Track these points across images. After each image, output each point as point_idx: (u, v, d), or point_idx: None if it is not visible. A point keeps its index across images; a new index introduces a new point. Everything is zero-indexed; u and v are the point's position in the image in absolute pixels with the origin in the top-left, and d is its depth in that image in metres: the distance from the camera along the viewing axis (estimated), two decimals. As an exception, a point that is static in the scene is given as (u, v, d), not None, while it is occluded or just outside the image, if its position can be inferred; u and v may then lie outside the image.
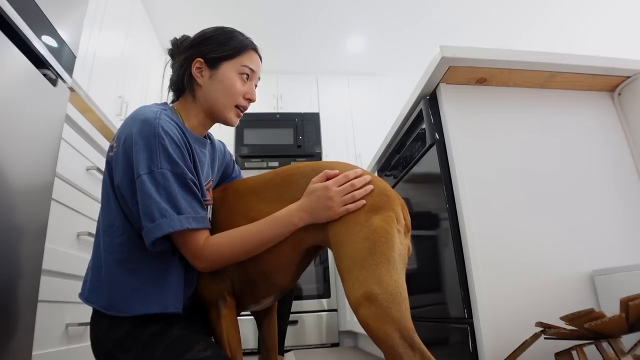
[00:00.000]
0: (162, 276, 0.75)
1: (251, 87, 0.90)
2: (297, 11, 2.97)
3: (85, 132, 1.30)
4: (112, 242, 0.76)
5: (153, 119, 0.74)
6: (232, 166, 1.07)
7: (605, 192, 1.09)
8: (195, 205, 0.75)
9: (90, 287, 0.77)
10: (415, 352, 0.59)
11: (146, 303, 0.73)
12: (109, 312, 0.74)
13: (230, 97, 0.86)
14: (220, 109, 0.86)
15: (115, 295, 0.74)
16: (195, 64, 0.85)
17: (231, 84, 0.85)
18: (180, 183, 0.73)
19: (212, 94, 0.85)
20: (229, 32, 0.89)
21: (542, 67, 1.10)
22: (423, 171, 1.24)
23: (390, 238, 0.67)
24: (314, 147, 3.28)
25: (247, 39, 0.90)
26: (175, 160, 0.73)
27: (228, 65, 0.86)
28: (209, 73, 0.85)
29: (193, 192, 0.75)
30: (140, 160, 0.71)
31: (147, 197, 0.70)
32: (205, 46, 0.85)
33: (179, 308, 0.75)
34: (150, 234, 0.69)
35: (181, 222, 0.70)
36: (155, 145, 0.72)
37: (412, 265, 1.33)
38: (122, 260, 0.75)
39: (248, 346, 2.37)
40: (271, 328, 1.00)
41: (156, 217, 0.69)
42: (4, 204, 0.81)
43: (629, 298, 0.66)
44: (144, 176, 0.71)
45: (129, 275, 0.74)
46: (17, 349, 0.84)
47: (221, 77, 0.85)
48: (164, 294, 0.74)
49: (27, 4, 0.91)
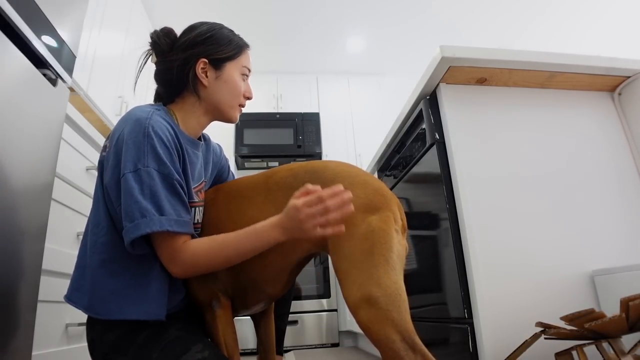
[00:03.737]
0: (143, 280, 0.73)
1: (248, 85, 0.92)
2: (297, 11, 2.97)
3: (85, 132, 1.30)
4: (97, 241, 0.75)
5: (144, 119, 0.73)
6: (226, 170, 1.07)
7: (605, 192, 1.09)
8: (179, 208, 0.73)
9: (74, 287, 0.76)
10: (417, 354, 0.58)
11: (126, 307, 0.71)
12: (89, 313, 0.73)
13: (236, 98, 0.88)
14: (226, 108, 0.87)
15: (95, 296, 0.72)
16: (199, 65, 0.83)
17: (236, 84, 0.87)
18: (166, 184, 0.72)
19: (218, 95, 0.85)
20: (227, 32, 0.89)
21: (542, 67, 1.10)
22: (423, 171, 1.24)
23: (389, 239, 0.66)
24: (314, 147, 3.28)
25: (242, 39, 0.91)
26: (163, 160, 0.72)
27: (231, 65, 0.86)
28: (214, 74, 0.85)
29: (178, 195, 0.74)
30: (127, 159, 0.70)
31: (129, 196, 0.68)
32: (207, 46, 0.84)
33: (161, 315, 0.73)
34: (128, 234, 0.68)
35: (161, 223, 0.68)
36: (144, 145, 0.71)
37: (412, 265, 1.33)
38: (104, 260, 0.73)
39: (248, 346, 2.37)
40: (268, 328, 0.99)
41: (136, 216, 0.68)
42: (4, 204, 0.81)
43: (629, 298, 0.65)
44: (128, 174, 0.69)
45: (110, 276, 0.72)
46: (17, 349, 0.84)
47: (226, 78, 0.86)
48: (144, 299, 0.72)
49: (27, 4, 0.91)
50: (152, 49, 0.87)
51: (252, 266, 0.77)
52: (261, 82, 3.50)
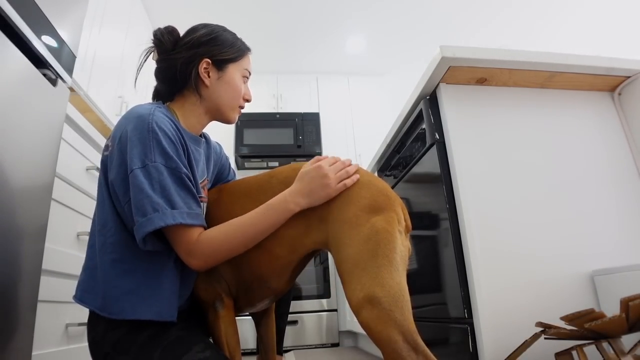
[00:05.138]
0: (156, 279, 0.74)
1: (248, 88, 0.93)
2: (297, 11, 2.97)
3: (85, 132, 1.30)
4: (105, 242, 0.75)
5: (147, 115, 0.74)
6: (227, 168, 1.07)
7: (605, 192, 1.09)
8: (190, 201, 0.73)
9: (84, 288, 0.76)
10: (419, 355, 0.58)
11: (139, 308, 0.71)
12: (103, 313, 0.73)
13: (237, 99, 0.89)
14: (226, 109, 0.88)
15: (108, 296, 0.72)
16: (202, 64, 0.84)
17: (237, 86, 0.88)
18: (175, 178, 0.72)
19: (219, 95, 0.86)
20: (230, 35, 0.90)
21: (542, 67, 1.10)
22: (423, 171, 1.24)
23: (392, 239, 0.66)
24: (314, 147, 3.28)
25: (244, 43, 0.93)
26: (170, 154, 0.72)
27: (233, 67, 0.87)
28: (216, 75, 0.86)
29: (188, 188, 0.74)
30: (133, 155, 0.71)
31: (140, 191, 0.69)
32: (211, 47, 0.85)
33: (174, 316, 0.73)
34: (141, 229, 0.68)
35: (174, 216, 0.69)
36: (149, 140, 0.71)
37: (413, 265, 1.33)
38: (115, 260, 0.73)
39: (248, 346, 2.37)
40: (269, 328, 0.99)
41: (148, 211, 0.68)
42: (4, 204, 0.81)
43: (629, 298, 0.65)
44: (136, 170, 0.70)
45: (122, 276, 0.73)
46: (17, 349, 0.84)
47: (228, 79, 0.87)
48: (157, 299, 0.72)
49: (27, 4, 0.91)
50: (155, 47, 0.87)
51: (257, 262, 0.77)
52: (261, 82, 3.50)
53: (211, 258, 0.73)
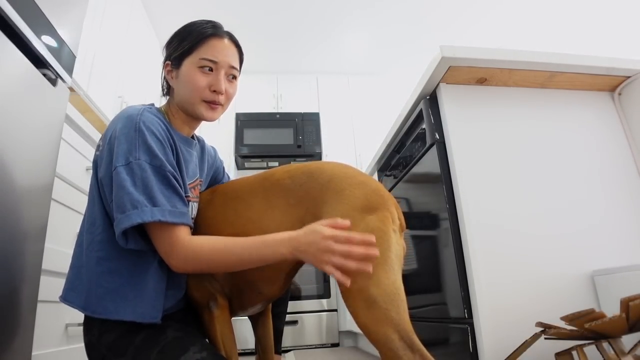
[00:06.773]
0: (141, 280, 0.73)
1: (216, 78, 0.82)
2: (297, 11, 2.96)
3: (85, 132, 1.30)
4: (93, 239, 0.75)
5: (135, 115, 0.75)
6: (222, 172, 1.07)
7: (605, 192, 1.09)
8: (174, 200, 0.72)
9: (69, 287, 0.76)
10: (415, 353, 0.58)
11: (122, 308, 0.71)
12: (86, 312, 0.73)
13: (194, 93, 0.82)
14: (189, 106, 0.84)
15: (91, 295, 0.72)
16: (166, 68, 0.86)
17: (191, 80, 0.81)
18: (160, 176, 0.72)
19: (178, 94, 0.85)
20: (189, 26, 0.85)
21: (542, 67, 1.10)
22: (423, 171, 1.24)
23: (387, 239, 0.67)
24: (314, 147, 3.28)
25: (205, 28, 0.83)
26: (155, 153, 0.72)
27: (188, 61, 0.82)
28: (176, 74, 0.84)
29: (173, 187, 0.73)
30: (119, 153, 0.71)
31: (121, 188, 0.69)
32: (170, 47, 0.86)
33: (157, 317, 0.72)
34: (119, 225, 0.68)
35: (153, 213, 0.68)
36: (135, 139, 0.72)
37: (412, 265, 1.33)
38: (101, 258, 0.73)
39: (246, 346, 2.37)
40: (266, 328, 0.99)
41: (127, 207, 0.67)
42: (4, 204, 0.81)
43: (629, 298, 0.65)
44: (120, 168, 0.70)
45: (107, 274, 0.72)
46: (17, 349, 0.84)
47: (182, 76, 0.82)
48: (141, 300, 0.72)
49: (27, 4, 0.91)
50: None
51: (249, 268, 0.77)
52: (261, 82, 3.50)
53: (189, 265, 0.71)
